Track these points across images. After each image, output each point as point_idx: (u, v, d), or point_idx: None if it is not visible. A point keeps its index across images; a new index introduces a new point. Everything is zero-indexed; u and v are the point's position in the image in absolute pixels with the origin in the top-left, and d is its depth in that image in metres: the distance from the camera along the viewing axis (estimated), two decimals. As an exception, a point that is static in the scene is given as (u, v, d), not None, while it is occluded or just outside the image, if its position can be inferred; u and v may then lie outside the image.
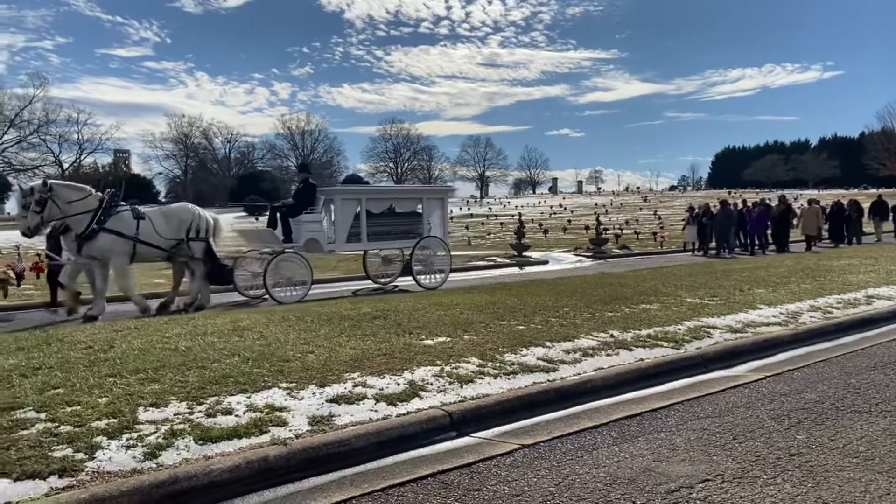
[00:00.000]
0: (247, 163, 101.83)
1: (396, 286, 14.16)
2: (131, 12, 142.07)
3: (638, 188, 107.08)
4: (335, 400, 4.78)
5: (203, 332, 7.05)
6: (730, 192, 62.01)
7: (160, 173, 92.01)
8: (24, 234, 10.77)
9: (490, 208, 70.83)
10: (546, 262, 22.04)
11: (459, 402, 4.93)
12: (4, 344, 6.69)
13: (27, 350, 6.32)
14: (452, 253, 25.31)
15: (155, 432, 4.06)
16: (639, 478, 3.78)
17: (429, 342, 6.61)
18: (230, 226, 15.32)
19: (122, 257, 10.72)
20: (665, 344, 6.91)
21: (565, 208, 63.56)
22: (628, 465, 3.98)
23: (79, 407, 4.47)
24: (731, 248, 22.37)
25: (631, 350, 6.62)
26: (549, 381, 5.57)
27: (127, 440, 3.94)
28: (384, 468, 4.00)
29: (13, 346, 6.55)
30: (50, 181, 10.70)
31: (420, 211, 13.73)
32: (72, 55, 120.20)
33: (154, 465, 3.66)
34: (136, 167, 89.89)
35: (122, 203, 11.05)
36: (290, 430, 4.21)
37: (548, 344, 6.64)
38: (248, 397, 4.76)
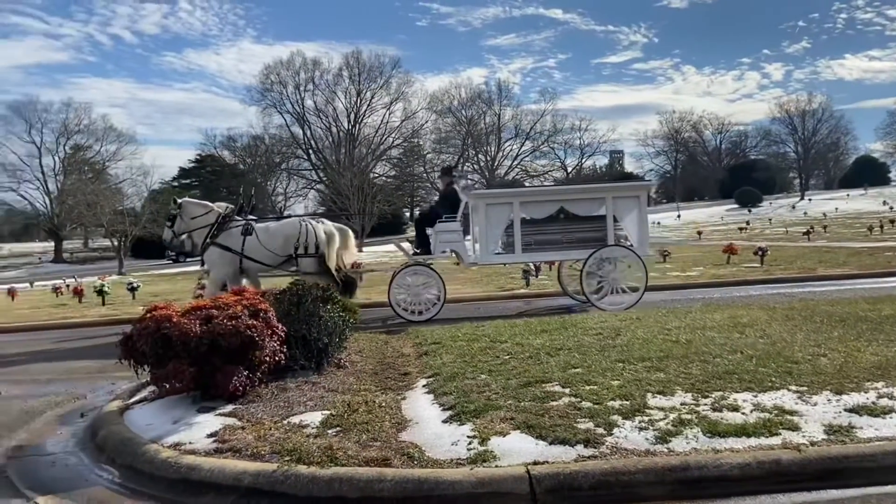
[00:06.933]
0: (738, 152, 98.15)
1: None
2: (621, 19, 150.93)
3: None
4: (855, 410, 4.31)
5: (702, 327, 7.14)
6: None
7: (651, 170, 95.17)
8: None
9: None
10: None
11: None
12: (532, 326, 7.92)
13: (550, 332, 7.36)
14: None
15: (664, 418, 4.29)
16: None
17: (982, 355, 5.39)
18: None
19: (224, 269, 11.10)
20: None
21: None
22: None
23: (595, 386, 5.02)
24: None
25: None
26: None
27: (639, 422, 4.26)
28: (921, 496, 3.44)
29: (538, 328, 7.71)
30: (181, 199, 11.72)
31: (604, 214, 11.09)
32: (570, 69, 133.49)
33: (665, 450, 3.87)
34: (629, 166, 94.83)
35: (237, 218, 11.39)
36: (803, 436, 3.96)
37: None
38: (755, 396, 4.65)
